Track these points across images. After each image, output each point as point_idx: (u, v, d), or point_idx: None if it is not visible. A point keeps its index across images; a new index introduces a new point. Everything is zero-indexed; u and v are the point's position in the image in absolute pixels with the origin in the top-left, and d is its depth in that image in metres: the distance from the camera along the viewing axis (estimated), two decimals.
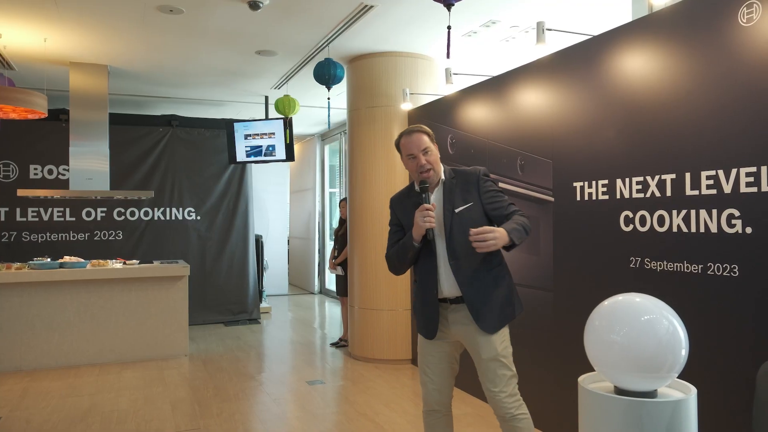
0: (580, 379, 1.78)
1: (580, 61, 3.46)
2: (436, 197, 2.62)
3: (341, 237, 6.38)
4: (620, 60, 3.18)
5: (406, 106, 5.45)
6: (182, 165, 7.92)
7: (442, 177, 2.66)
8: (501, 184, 4.04)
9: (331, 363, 5.81)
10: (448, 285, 2.57)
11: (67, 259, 5.78)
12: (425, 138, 2.60)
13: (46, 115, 5.30)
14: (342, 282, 6.33)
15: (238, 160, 7.30)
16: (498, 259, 2.61)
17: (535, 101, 3.85)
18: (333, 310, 9.03)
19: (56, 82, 6.67)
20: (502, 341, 2.56)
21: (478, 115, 4.53)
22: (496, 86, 4.31)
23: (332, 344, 6.50)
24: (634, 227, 3.06)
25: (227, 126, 7.31)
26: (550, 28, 3.72)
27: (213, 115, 8.52)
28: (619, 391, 1.67)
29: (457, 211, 2.57)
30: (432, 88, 5.70)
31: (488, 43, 5.35)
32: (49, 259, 5.83)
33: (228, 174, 8.11)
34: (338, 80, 5.20)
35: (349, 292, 5.95)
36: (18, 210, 7.27)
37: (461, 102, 4.78)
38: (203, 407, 4.39)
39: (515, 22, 4.87)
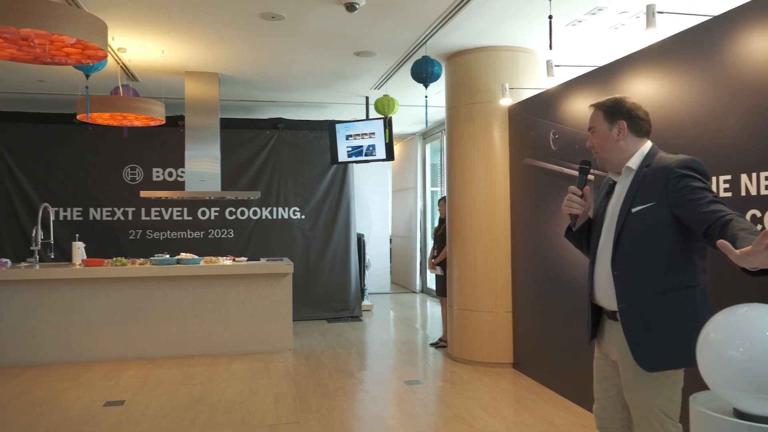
0: (692, 397, 1.59)
1: (697, 45, 3.15)
2: (618, 188, 2.20)
3: (440, 236, 6.31)
4: (745, 42, 2.85)
5: (506, 101, 5.28)
6: (287, 166, 8.20)
7: (630, 165, 2.18)
8: None
9: (431, 363, 5.75)
10: (603, 294, 2.17)
11: (183, 255, 6.16)
12: (597, 114, 2.24)
13: (164, 122, 5.68)
14: (442, 282, 6.25)
15: (339, 160, 7.43)
16: (685, 280, 2.03)
17: (645, 91, 3.56)
18: (434, 309, 8.97)
19: (173, 91, 7.12)
20: (663, 388, 2.03)
21: (583, 108, 4.27)
22: (602, 77, 4.04)
23: (432, 344, 6.44)
24: (764, 228, 2.73)
25: (329, 127, 7.47)
26: (661, 11, 3.42)
27: (316, 117, 8.74)
28: (739, 414, 1.47)
29: (633, 210, 2.08)
30: (534, 81, 5.48)
31: (594, 31, 5.05)
32: (168, 256, 6.24)
33: (331, 174, 8.29)
34: (436, 78, 5.13)
35: (448, 293, 5.86)
36: (143, 210, 7.87)
37: (564, 95, 4.54)
38: (304, 402, 4.50)
39: (624, 8, 4.55)
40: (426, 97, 5.44)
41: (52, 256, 6.53)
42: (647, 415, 2.04)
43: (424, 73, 5.07)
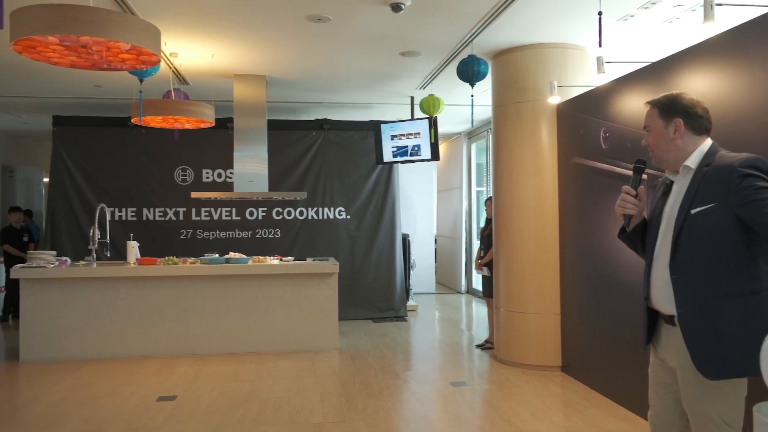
0: (756, 407, 1.52)
1: (759, 37, 3.01)
2: (676, 188, 2.13)
3: (487, 237, 6.24)
4: None
5: (554, 99, 5.18)
6: (333, 166, 8.28)
7: (688, 164, 2.10)
8: None
9: (476, 365, 5.70)
10: (660, 297, 2.10)
11: (232, 255, 6.29)
12: (652, 112, 2.16)
13: (214, 124, 5.82)
14: (488, 283, 6.19)
15: (384, 160, 7.45)
16: (748, 285, 1.95)
17: (703, 87, 3.43)
18: (480, 310, 8.88)
19: (222, 93, 7.29)
20: (726, 396, 1.95)
21: (635, 105, 4.15)
22: (655, 73, 3.92)
23: (478, 346, 6.38)
24: None
25: (374, 127, 7.50)
26: (720, 2, 3.29)
27: (361, 118, 8.79)
28: None
29: (693, 212, 2.01)
30: (583, 79, 5.36)
31: (646, 26, 4.90)
32: (217, 255, 6.39)
33: (376, 174, 8.33)
34: (482, 77, 5.08)
35: (495, 294, 5.79)
36: (193, 210, 8.09)
37: (615, 92, 4.42)
38: (349, 401, 4.53)
39: (679, 1, 4.40)
40: (472, 96, 5.40)
41: (108, 255, 6.78)
42: (708, 424, 1.97)
43: (470, 72, 5.03)
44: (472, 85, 5.11)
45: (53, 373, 5.33)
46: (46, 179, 10.96)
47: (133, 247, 6.25)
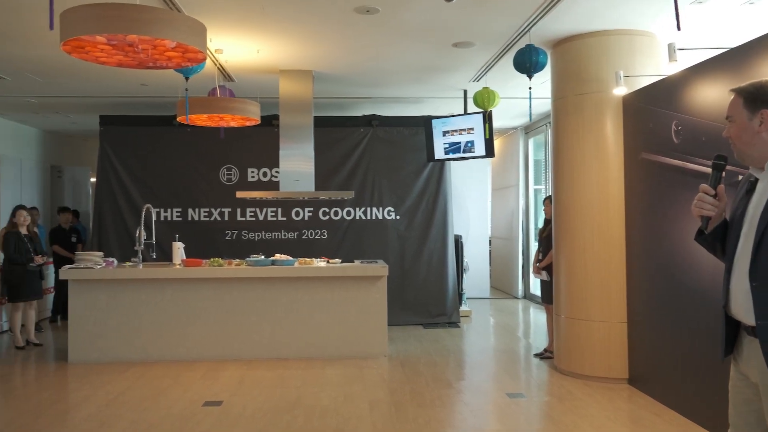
0: None
1: None
2: (761, 187, 2.04)
3: (546, 239, 6.14)
4: None
5: (620, 90, 5.04)
6: (382, 164, 8.31)
7: None
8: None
9: (535, 375, 5.61)
10: (740, 306, 2.02)
11: (278, 256, 6.41)
12: (736, 101, 2.08)
13: (259, 122, 5.93)
14: (547, 288, 6.08)
15: (436, 157, 7.43)
16: None
17: None
18: (538, 317, 8.75)
19: (267, 90, 7.42)
20: None
21: (711, 95, 3.99)
22: (734, 60, 3.76)
23: (536, 355, 6.28)
24: None
25: (425, 123, 7.49)
26: None
27: (411, 113, 8.77)
28: None
29: None
30: (653, 68, 5.19)
31: (723, 9, 4.70)
32: (263, 257, 6.51)
33: (427, 172, 8.31)
34: (541, 67, 5.01)
35: (555, 300, 5.69)
36: (238, 210, 8.27)
37: (689, 82, 4.26)
38: (399, 410, 4.53)
39: None
40: (530, 88, 5.31)
41: (154, 256, 7.00)
42: None
43: (527, 62, 4.96)
44: (530, 77, 5.04)
45: (101, 375, 5.55)
46: (93, 179, 11.44)
47: (178, 248, 6.44)
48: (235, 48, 5.80)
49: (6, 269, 6.78)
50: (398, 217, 8.31)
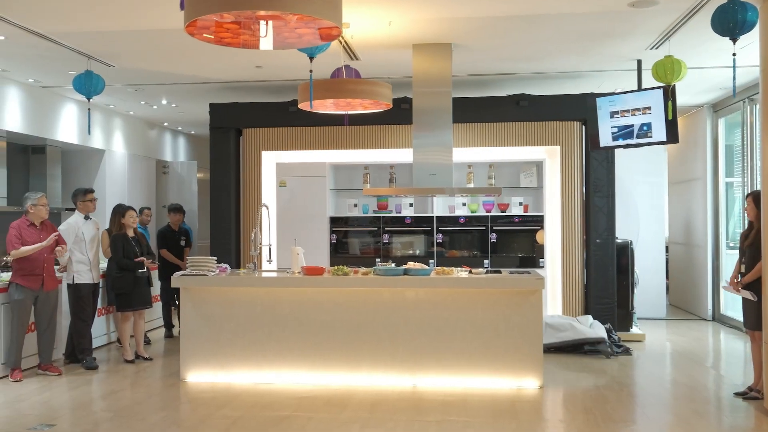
0: None
1: None
2: None
3: (751, 246, 5.72)
4: None
5: None
6: None
7: None
8: None
9: (736, 420, 5.29)
10: None
11: (411, 265, 6.45)
12: None
13: (391, 106, 6.01)
14: (753, 310, 5.67)
15: (601, 145, 7.21)
16: None
17: None
18: (734, 345, 8.30)
19: (395, 68, 7.51)
20: None
21: None
22: None
23: (738, 394, 5.87)
24: None
25: (587, 102, 7.28)
26: None
27: (568, 91, 8.57)
28: None
29: None
30: None
31: None
32: (393, 265, 6.59)
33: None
34: (749, 27, 4.74)
35: (764, 325, 5.30)
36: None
37: None
38: None
39: None
40: (734, 55, 4.99)
41: (271, 262, 7.31)
42: None
43: (731, 21, 4.71)
44: (735, 40, 4.75)
45: (217, 396, 5.87)
46: (199, 174, 12.21)
47: (297, 254, 6.66)
48: (362, 21, 5.91)
49: (114, 275, 7.32)
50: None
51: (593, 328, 7.49)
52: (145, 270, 7.31)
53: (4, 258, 7.06)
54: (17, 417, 5.31)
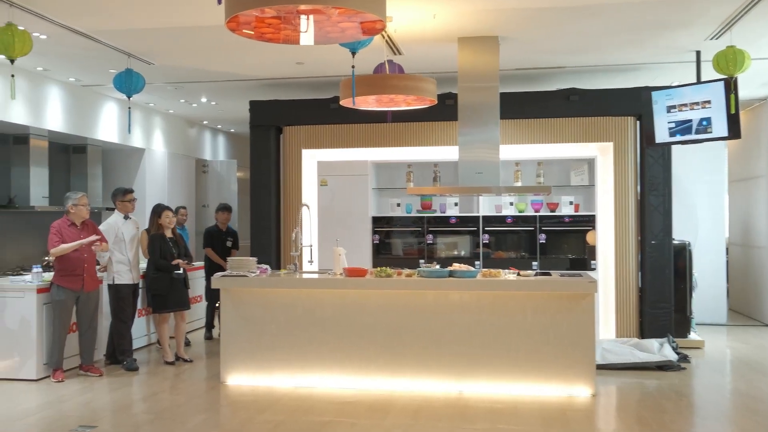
0: None
1: None
2: None
3: None
4: None
5: None
6: None
7: None
8: None
9: None
10: None
11: (456, 266, 6.42)
12: None
13: (436, 102, 5.98)
14: None
15: (657, 141, 7.10)
16: None
17: None
18: None
19: (439, 63, 7.49)
20: None
21: None
22: None
23: None
24: None
25: (642, 96, 7.17)
26: None
27: (621, 84, 8.45)
28: None
29: None
30: None
31: None
32: (438, 266, 6.56)
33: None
34: None
35: None
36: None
37: None
38: None
39: None
40: None
41: (312, 262, 7.35)
42: None
43: None
44: None
45: (257, 399, 5.93)
46: (239, 173, 12.35)
47: (340, 255, 6.69)
48: (406, 13, 5.90)
49: (151, 276, 7.45)
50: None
51: (662, 351, 7.20)
52: (182, 272, 7.42)
53: (46, 258, 7.25)
54: (59, 418, 5.45)
